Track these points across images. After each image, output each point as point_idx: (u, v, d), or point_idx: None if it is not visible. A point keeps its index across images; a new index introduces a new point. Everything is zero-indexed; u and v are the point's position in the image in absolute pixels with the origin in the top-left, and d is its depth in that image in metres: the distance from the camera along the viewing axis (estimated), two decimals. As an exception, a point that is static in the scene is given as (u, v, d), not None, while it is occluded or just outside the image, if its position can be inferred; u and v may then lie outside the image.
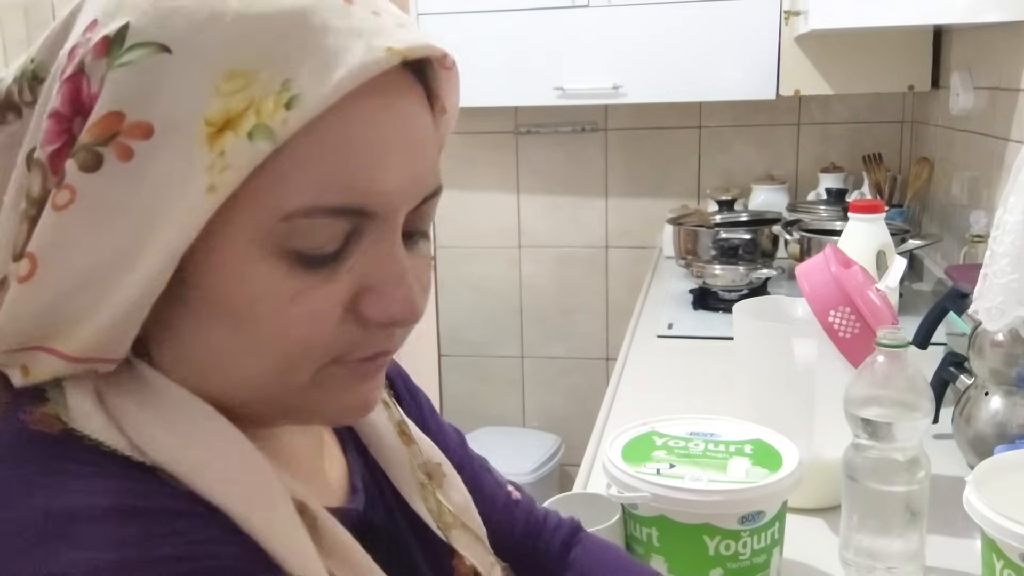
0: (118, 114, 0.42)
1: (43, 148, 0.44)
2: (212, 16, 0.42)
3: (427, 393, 0.76)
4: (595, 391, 2.68)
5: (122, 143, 0.42)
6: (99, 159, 0.42)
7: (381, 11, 0.47)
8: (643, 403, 1.47)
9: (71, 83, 0.43)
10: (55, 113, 0.44)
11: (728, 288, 2.01)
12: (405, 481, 0.62)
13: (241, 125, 0.42)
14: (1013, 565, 0.73)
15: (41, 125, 0.44)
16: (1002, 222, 0.98)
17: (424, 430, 0.70)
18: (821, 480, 0.98)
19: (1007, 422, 1.10)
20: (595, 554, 0.77)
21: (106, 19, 0.43)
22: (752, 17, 2.24)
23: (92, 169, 0.42)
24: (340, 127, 0.44)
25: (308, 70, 0.42)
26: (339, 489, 0.58)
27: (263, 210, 0.43)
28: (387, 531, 0.60)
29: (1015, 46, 1.65)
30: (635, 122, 2.72)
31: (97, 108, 0.42)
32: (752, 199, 2.54)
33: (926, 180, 2.28)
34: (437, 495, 0.63)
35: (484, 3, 2.38)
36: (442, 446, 0.71)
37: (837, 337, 0.98)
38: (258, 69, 0.42)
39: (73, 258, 0.44)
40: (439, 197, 0.51)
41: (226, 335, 0.46)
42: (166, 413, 0.46)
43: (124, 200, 0.43)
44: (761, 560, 0.85)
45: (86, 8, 0.45)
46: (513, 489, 0.78)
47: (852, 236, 1.37)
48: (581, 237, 2.83)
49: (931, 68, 2.22)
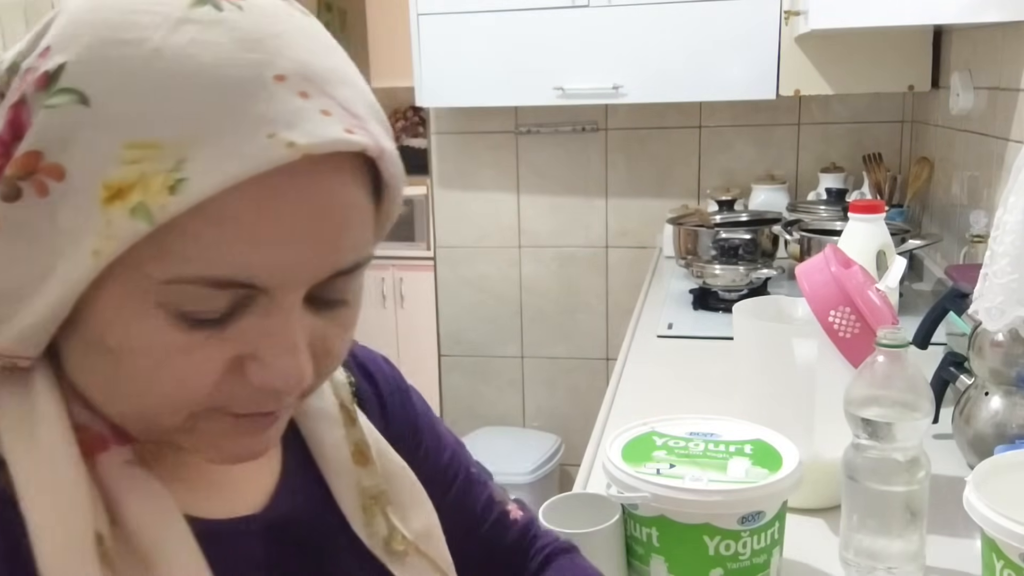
0: (38, 153, 0.43)
1: None
2: (135, 77, 0.43)
3: (427, 393, 0.75)
4: (595, 391, 2.68)
5: (40, 180, 0.44)
6: (19, 191, 0.44)
7: (312, 93, 0.45)
8: (643, 403, 1.47)
9: (14, 111, 0.45)
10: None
11: (728, 288, 2.01)
12: (346, 501, 0.61)
13: (129, 198, 0.42)
14: (1013, 565, 0.73)
15: None
16: (1002, 222, 0.98)
17: (413, 442, 0.69)
18: (821, 480, 0.98)
19: (1007, 422, 1.09)
20: (567, 570, 0.76)
21: (55, 50, 0.44)
22: (752, 17, 2.24)
23: (12, 199, 0.44)
24: (232, 205, 0.43)
25: (205, 154, 0.42)
26: (257, 496, 0.58)
27: (145, 275, 0.44)
28: (314, 542, 0.60)
29: (1015, 46, 1.65)
30: (635, 122, 2.72)
31: (23, 142, 0.44)
32: (752, 199, 2.54)
33: (926, 180, 2.28)
34: (392, 519, 0.62)
35: (484, 3, 2.38)
36: (432, 460, 0.71)
37: (837, 337, 0.98)
38: (159, 142, 0.42)
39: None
40: (363, 268, 0.50)
41: (108, 369, 0.47)
42: (22, 415, 0.48)
43: (37, 231, 0.44)
44: (761, 560, 0.85)
45: (55, 23, 0.46)
46: (515, 508, 0.77)
47: (852, 236, 1.37)
48: (581, 237, 2.83)
49: (931, 68, 2.22)
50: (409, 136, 3.86)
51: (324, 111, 0.45)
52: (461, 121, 2.79)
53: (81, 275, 0.43)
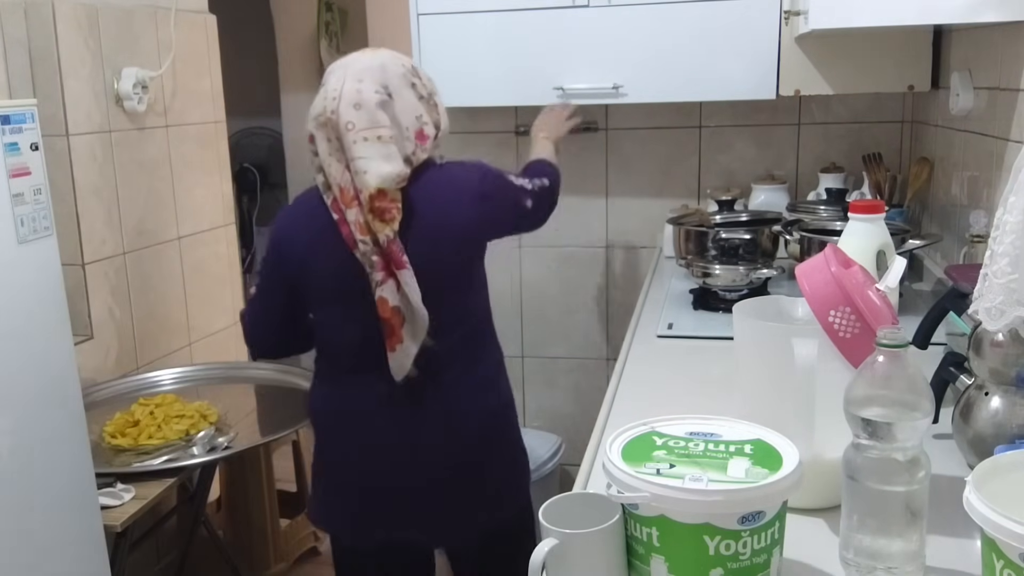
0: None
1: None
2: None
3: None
4: (595, 391, 2.68)
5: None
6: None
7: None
8: (643, 403, 1.48)
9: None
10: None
11: (728, 288, 2.01)
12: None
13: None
14: (1013, 565, 0.73)
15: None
16: (1002, 222, 0.98)
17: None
18: (821, 480, 0.98)
19: (1007, 422, 1.10)
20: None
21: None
22: (752, 17, 2.24)
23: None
24: None
25: None
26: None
27: None
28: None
29: (1015, 46, 1.65)
30: (635, 122, 2.72)
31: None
32: (752, 199, 2.54)
33: (926, 180, 2.28)
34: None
35: (484, 3, 2.38)
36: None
37: (837, 337, 0.98)
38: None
39: None
40: None
41: None
42: None
43: None
44: (761, 560, 0.85)
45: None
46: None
47: (852, 236, 1.37)
48: (581, 237, 2.83)
49: (931, 68, 2.22)
50: (409, 136, 3.87)
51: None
52: (461, 121, 2.79)
53: None
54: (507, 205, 1.71)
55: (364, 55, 1.65)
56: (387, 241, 1.54)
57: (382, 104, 1.58)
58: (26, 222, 1.60)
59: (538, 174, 1.82)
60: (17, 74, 2.33)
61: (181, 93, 2.83)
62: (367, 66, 1.61)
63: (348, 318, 1.63)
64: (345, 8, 4.04)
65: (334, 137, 1.57)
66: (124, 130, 2.58)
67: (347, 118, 1.56)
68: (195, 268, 2.92)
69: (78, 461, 1.73)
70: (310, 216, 1.62)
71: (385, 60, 1.63)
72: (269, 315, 1.72)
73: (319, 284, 1.64)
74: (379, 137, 1.56)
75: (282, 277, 1.67)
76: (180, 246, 2.85)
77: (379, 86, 1.59)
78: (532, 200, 1.74)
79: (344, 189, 1.56)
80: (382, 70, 1.61)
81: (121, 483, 1.94)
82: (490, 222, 1.68)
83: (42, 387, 1.64)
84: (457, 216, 1.63)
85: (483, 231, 1.68)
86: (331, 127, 1.57)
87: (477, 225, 1.66)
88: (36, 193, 1.62)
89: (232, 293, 3.12)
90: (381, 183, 1.54)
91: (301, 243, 1.64)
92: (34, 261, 1.62)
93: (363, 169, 1.54)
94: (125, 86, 2.53)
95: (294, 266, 1.64)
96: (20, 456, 1.60)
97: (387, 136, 1.57)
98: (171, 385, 2.57)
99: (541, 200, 1.78)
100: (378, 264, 1.54)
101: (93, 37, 2.46)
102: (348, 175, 1.56)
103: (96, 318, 2.48)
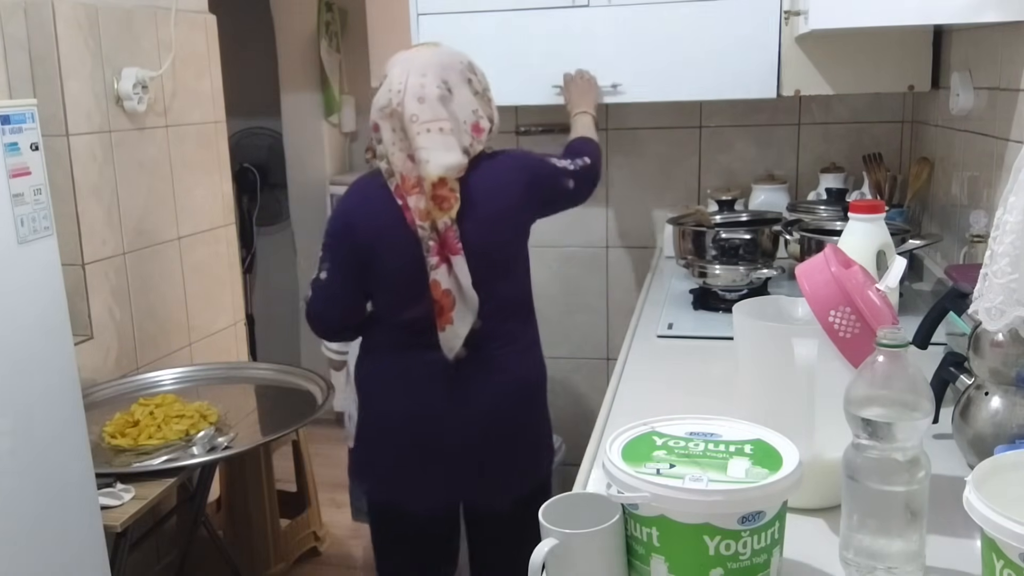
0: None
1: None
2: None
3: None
4: (595, 391, 2.68)
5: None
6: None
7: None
8: (643, 403, 1.48)
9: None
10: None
11: (728, 288, 2.01)
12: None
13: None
14: (1013, 565, 0.73)
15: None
16: (1002, 222, 0.98)
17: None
18: (821, 480, 0.98)
19: (1007, 422, 1.10)
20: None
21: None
22: (752, 17, 2.23)
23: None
24: None
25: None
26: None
27: None
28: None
29: (1015, 46, 1.65)
30: (635, 122, 2.72)
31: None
32: (752, 199, 2.54)
33: (926, 180, 2.28)
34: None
35: (484, 3, 2.38)
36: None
37: (837, 337, 0.98)
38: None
39: None
40: None
41: None
42: None
43: None
44: (761, 560, 0.85)
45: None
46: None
47: (852, 236, 1.37)
48: (582, 237, 2.83)
49: (931, 68, 2.22)
50: (409, 136, 3.87)
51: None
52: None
53: None
54: (552, 188, 1.85)
55: (425, 50, 1.78)
56: (445, 227, 1.66)
57: (442, 99, 1.70)
58: (26, 222, 1.60)
59: (579, 153, 1.95)
60: (17, 74, 2.33)
61: (181, 93, 2.83)
62: (429, 61, 1.73)
63: (407, 297, 1.74)
64: (345, 8, 4.04)
65: (398, 128, 1.69)
66: (124, 130, 2.58)
67: (411, 111, 1.68)
68: (195, 268, 2.92)
69: (78, 461, 1.73)
70: (376, 200, 1.73)
71: (445, 56, 1.76)
72: (345, 293, 1.80)
73: (384, 264, 1.75)
74: (440, 129, 1.68)
75: (355, 257, 1.76)
76: (180, 246, 2.85)
77: (440, 81, 1.71)
78: (574, 180, 1.88)
79: (406, 177, 1.68)
80: (442, 66, 1.73)
81: (121, 483, 1.94)
82: (537, 205, 1.84)
83: (42, 387, 1.64)
84: (507, 203, 1.76)
85: (531, 215, 1.83)
86: (396, 118, 1.69)
87: (526, 210, 1.81)
88: (36, 193, 1.62)
89: (232, 293, 3.12)
90: (442, 172, 1.66)
91: (371, 225, 1.74)
92: (34, 261, 1.62)
93: (425, 159, 1.66)
94: (125, 86, 2.53)
95: (365, 247, 1.74)
96: (20, 456, 1.60)
97: (447, 128, 1.69)
98: (171, 385, 2.57)
99: (583, 179, 1.91)
100: (434, 249, 1.67)
101: (93, 37, 2.46)
102: (410, 164, 1.68)
103: (96, 318, 2.48)
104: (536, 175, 1.82)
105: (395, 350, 1.81)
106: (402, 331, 1.79)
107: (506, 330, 1.80)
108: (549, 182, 1.85)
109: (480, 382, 1.77)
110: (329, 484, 3.34)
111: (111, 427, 2.19)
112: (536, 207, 1.83)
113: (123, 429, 2.17)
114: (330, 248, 1.78)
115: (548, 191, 1.85)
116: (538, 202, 1.83)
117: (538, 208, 1.84)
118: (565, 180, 1.86)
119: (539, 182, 1.82)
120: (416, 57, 1.74)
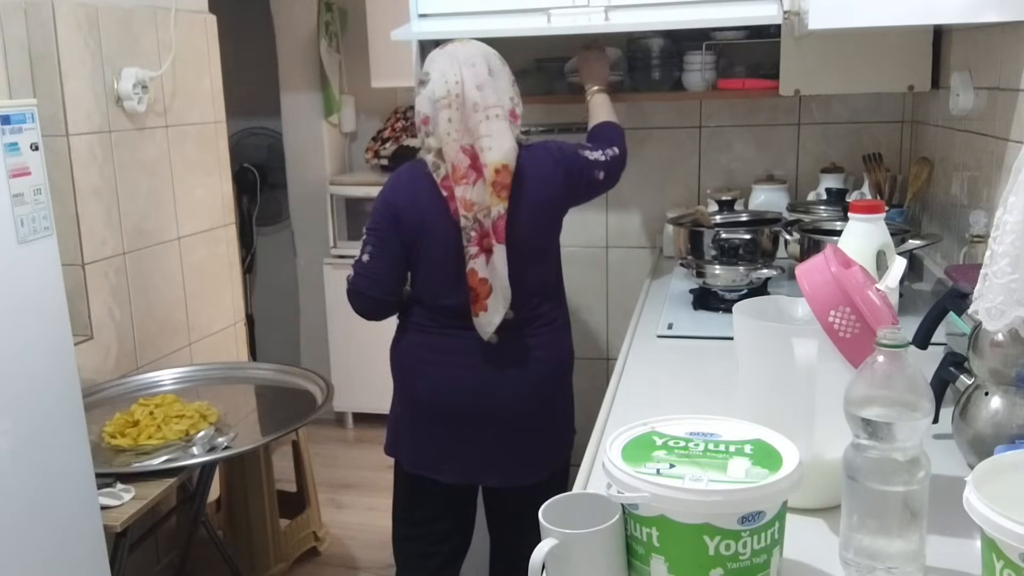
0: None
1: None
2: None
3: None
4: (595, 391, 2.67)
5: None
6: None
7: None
8: (643, 403, 1.48)
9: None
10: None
11: (728, 288, 2.01)
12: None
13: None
14: (1013, 565, 0.73)
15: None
16: (1002, 222, 0.98)
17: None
18: (821, 480, 0.98)
19: (1007, 422, 1.09)
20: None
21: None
22: (752, 17, 2.22)
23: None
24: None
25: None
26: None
27: None
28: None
29: (1015, 46, 1.65)
30: (635, 122, 2.72)
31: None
32: (752, 199, 2.54)
33: (926, 180, 2.28)
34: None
35: (484, 3, 2.37)
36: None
37: (837, 337, 0.98)
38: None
39: None
40: None
41: None
42: None
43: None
44: (761, 560, 0.85)
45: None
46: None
47: (852, 236, 1.37)
48: (582, 237, 2.83)
49: (931, 68, 2.22)
50: (409, 136, 3.86)
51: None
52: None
53: None
54: (584, 179, 1.94)
55: (464, 45, 1.85)
56: (497, 216, 1.76)
57: (493, 86, 1.80)
58: (26, 222, 1.60)
59: (608, 142, 2.01)
60: (17, 74, 2.33)
61: (181, 93, 2.83)
62: (473, 52, 1.82)
63: (446, 284, 1.84)
64: (345, 8, 4.04)
65: (456, 118, 1.76)
66: (124, 130, 2.58)
67: (473, 99, 1.77)
68: (195, 268, 2.92)
69: (78, 461, 1.73)
70: (421, 189, 1.82)
71: (483, 48, 1.85)
72: (392, 271, 1.88)
73: (427, 250, 1.84)
74: (498, 115, 1.78)
75: (400, 240, 1.85)
76: (180, 246, 2.85)
77: (488, 69, 1.81)
78: (604, 171, 1.97)
79: (456, 167, 1.76)
80: (484, 56, 1.83)
81: (121, 483, 1.95)
82: (572, 196, 1.93)
83: (42, 387, 1.64)
84: (546, 193, 1.86)
85: (566, 204, 1.94)
86: (455, 108, 1.76)
87: (562, 200, 1.91)
88: (36, 193, 1.62)
89: (232, 293, 3.12)
90: (503, 158, 1.75)
91: (417, 212, 1.82)
92: (34, 261, 1.62)
93: (488, 146, 1.75)
94: (125, 86, 2.53)
95: (411, 231, 1.83)
96: (20, 456, 1.60)
97: (503, 115, 1.79)
98: (171, 385, 2.57)
99: (612, 169, 2.00)
100: (474, 238, 1.76)
101: (93, 37, 2.46)
102: (463, 155, 1.76)
103: (96, 318, 2.48)
104: (571, 167, 1.90)
105: (431, 329, 1.90)
106: (439, 313, 1.89)
107: (539, 314, 1.91)
108: (584, 175, 1.93)
109: (513, 362, 1.87)
110: (329, 484, 3.34)
111: (111, 427, 2.19)
112: (571, 199, 1.93)
113: (123, 429, 2.18)
114: (374, 232, 1.86)
115: (582, 182, 1.93)
116: (573, 193, 1.92)
117: (573, 198, 1.94)
118: (596, 172, 1.94)
119: (575, 175, 1.91)
120: (460, 50, 1.82)
